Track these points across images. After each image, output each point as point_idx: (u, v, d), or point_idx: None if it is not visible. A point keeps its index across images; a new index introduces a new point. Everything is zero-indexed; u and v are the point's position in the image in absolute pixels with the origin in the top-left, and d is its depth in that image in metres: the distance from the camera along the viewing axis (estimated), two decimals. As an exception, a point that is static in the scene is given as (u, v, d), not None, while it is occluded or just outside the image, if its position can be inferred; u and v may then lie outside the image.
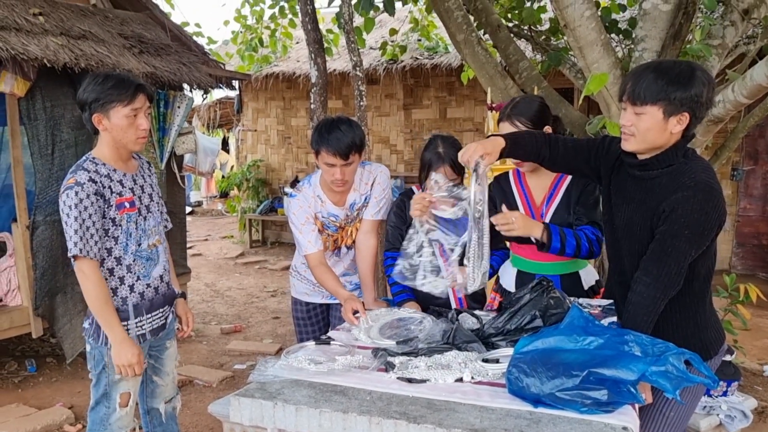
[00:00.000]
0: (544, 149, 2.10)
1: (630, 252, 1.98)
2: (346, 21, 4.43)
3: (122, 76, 2.28)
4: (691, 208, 1.78)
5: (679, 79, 1.76)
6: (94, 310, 2.23)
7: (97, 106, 2.20)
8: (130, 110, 2.22)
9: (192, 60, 4.90)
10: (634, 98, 1.80)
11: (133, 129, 2.25)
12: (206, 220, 12.82)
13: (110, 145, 2.29)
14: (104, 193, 2.23)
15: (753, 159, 7.22)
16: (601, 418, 1.53)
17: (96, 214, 2.20)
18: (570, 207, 2.40)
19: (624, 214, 1.98)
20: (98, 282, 2.21)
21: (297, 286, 2.93)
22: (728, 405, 2.90)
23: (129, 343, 2.25)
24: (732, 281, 3.67)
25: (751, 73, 3.09)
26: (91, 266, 2.20)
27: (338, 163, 2.48)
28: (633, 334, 1.75)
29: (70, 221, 2.17)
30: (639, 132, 1.83)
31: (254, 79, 9.05)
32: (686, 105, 1.77)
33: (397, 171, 8.74)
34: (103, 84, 2.21)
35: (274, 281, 7.47)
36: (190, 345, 5.08)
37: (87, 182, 2.19)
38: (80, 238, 2.16)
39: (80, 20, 4.31)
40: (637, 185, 1.94)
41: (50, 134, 3.96)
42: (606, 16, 4.42)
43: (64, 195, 2.19)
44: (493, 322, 2.04)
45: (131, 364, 2.25)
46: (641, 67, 1.87)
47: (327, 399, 1.66)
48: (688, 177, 1.82)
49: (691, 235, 1.80)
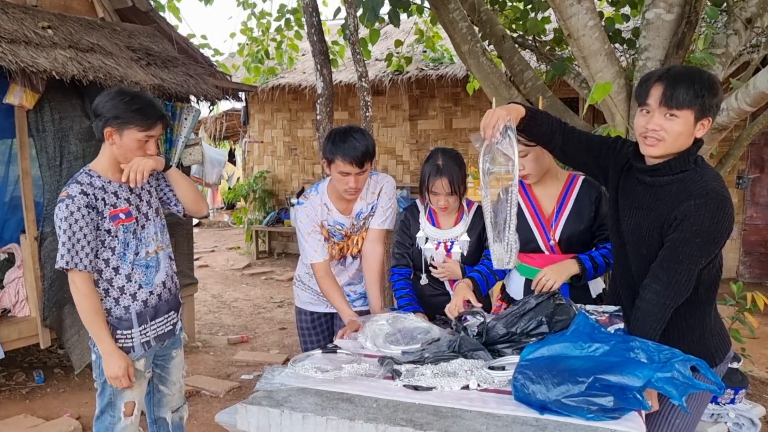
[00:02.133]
0: (557, 135, 2.10)
1: (637, 257, 1.98)
2: (352, 32, 4.46)
3: (149, 100, 2.30)
4: (703, 217, 1.78)
5: (710, 85, 1.79)
6: (85, 321, 2.26)
7: (114, 122, 2.22)
8: (145, 136, 2.25)
9: (199, 72, 4.94)
10: (671, 103, 1.78)
11: (140, 152, 2.28)
12: (213, 232, 12.86)
13: (110, 158, 2.31)
14: (97, 206, 2.24)
15: (759, 167, 7.20)
16: (607, 425, 1.53)
17: (87, 227, 2.22)
18: (581, 215, 2.40)
19: (631, 220, 1.98)
20: (88, 294, 2.23)
21: (301, 296, 2.94)
22: (736, 413, 2.89)
23: (117, 355, 2.27)
24: (739, 289, 3.66)
25: (754, 81, 3.09)
26: (81, 278, 2.22)
27: (353, 171, 2.50)
28: (639, 341, 1.75)
29: (60, 233, 2.20)
30: (669, 136, 1.81)
31: (260, 91, 9.10)
32: (711, 110, 1.81)
33: (403, 181, 8.76)
34: (128, 104, 2.22)
35: (281, 292, 7.48)
36: (197, 355, 5.09)
37: (78, 195, 2.20)
38: (67, 251, 2.18)
39: (88, 33, 4.37)
40: (646, 191, 1.93)
41: (58, 146, 4.00)
42: (609, 25, 4.44)
43: (56, 208, 2.21)
44: (498, 320, 2.05)
45: (118, 377, 2.27)
46: (667, 72, 1.83)
47: (334, 406, 1.67)
48: (699, 185, 1.82)
49: (702, 243, 1.80)
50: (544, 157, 2.41)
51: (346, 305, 2.58)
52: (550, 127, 2.10)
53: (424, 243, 2.61)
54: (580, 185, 2.44)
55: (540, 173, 2.43)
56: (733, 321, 3.68)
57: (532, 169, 2.41)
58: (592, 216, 2.41)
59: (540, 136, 2.12)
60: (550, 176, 2.47)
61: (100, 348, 2.27)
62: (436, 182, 2.48)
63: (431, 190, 2.51)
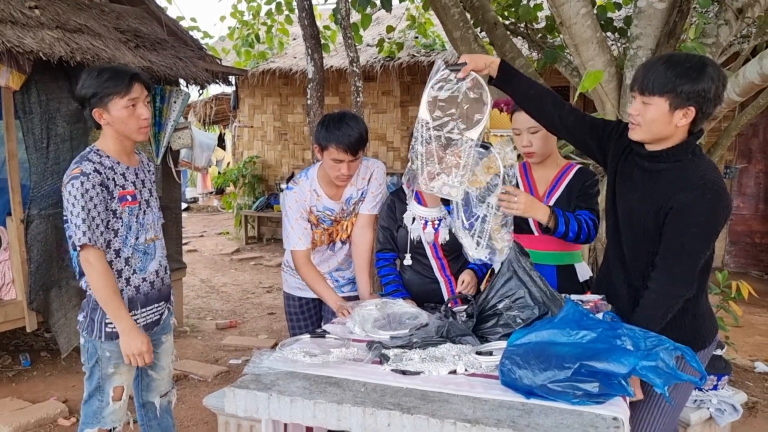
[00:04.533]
0: (549, 105, 2.12)
1: (631, 240, 2.02)
2: (343, 17, 4.43)
3: (117, 67, 2.27)
4: (702, 208, 1.82)
5: (689, 73, 1.77)
6: (101, 300, 2.23)
7: (96, 100, 2.20)
8: (128, 101, 2.22)
9: (188, 55, 4.89)
10: (642, 88, 1.82)
11: (134, 119, 2.25)
12: (202, 217, 12.81)
13: (114, 138, 2.29)
14: (108, 185, 2.23)
15: (746, 157, 7.26)
16: (592, 409, 1.55)
17: (101, 205, 2.20)
18: (571, 200, 2.43)
19: (627, 203, 2.01)
20: (105, 272, 2.21)
21: (289, 281, 2.94)
22: (718, 399, 2.92)
23: (137, 332, 2.26)
24: (724, 278, 3.69)
25: (743, 71, 3.11)
26: (97, 256, 2.19)
27: (347, 159, 2.49)
28: (626, 328, 1.77)
29: (76, 210, 2.16)
30: (645, 122, 1.85)
31: (251, 75, 9.04)
32: (693, 99, 1.78)
33: (393, 168, 8.74)
34: (98, 78, 2.20)
35: (270, 277, 7.47)
36: (186, 340, 5.08)
37: (92, 173, 2.19)
38: (88, 228, 2.15)
39: (76, 14, 4.30)
40: (643, 176, 1.96)
41: (45, 128, 3.95)
42: (601, 14, 4.44)
43: (69, 185, 2.18)
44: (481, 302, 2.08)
45: (141, 353, 2.25)
46: (654, 58, 1.90)
47: (321, 390, 1.68)
48: (698, 175, 1.84)
49: (703, 233, 1.84)
50: (551, 140, 2.46)
51: (331, 291, 2.59)
52: (538, 92, 2.13)
53: (411, 223, 2.59)
54: (575, 173, 2.48)
55: (544, 155, 2.48)
56: (718, 309, 3.72)
57: (539, 148, 2.45)
58: (576, 197, 2.44)
59: (529, 100, 2.15)
60: (551, 160, 2.52)
61: (119, 327, 2.24)
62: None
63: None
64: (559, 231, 2.24)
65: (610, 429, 1.46)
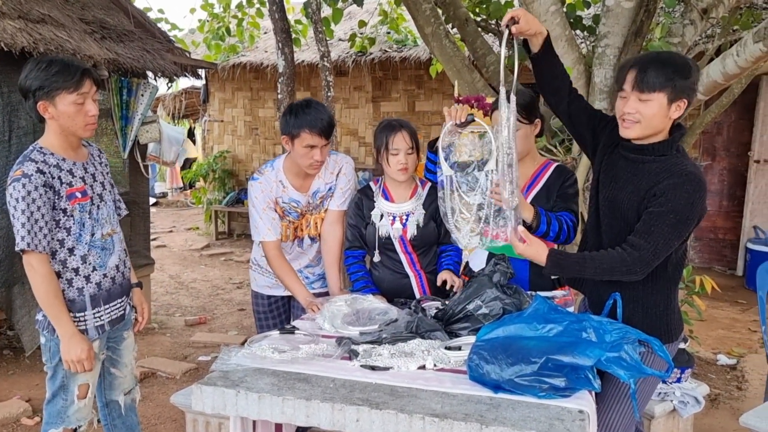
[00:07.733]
0: (565, 88, 2.21)
1: (611, 229, 2.07)
2: (314, 11, 4.41)
3: (66, 60, 2.19)
4: (679, 195, 1.88)
5: (682, 69, 1.89)
6: (43, 304, 2.18)
7: (41, 93, 2.12)
8: (77, 96, 2.15)
9: (156, 47, 4.81)
10: (642, 86, 1.90)
11: (82, 116, 2.18)
12: (171, 212, 12.62)
13: (58, 133, 2.21)
14: (53, 184, 2.16)
15: (710, 155, 7.42)
16: (558, 402, 1.57)
17: (45, 206, 2.13)
18: (549, 198, 2.45)
19: (609, 191, 2.07)
20: (47, 275, 2.16)
21: (258, 279, 2.91)
22: (682, 391, 2.99)
23: (78, 338, 2.21)
24: (689, 273, 3.77)
25: (707, 71, 3.18)
26: (39, 260, 2.14)
27: (320, 143, 2.49)
28: (593, 320, 1.80)
29: (17, 214, 2.10)
30: (645, 118, 1.92)
31: (221, 69, 8.92)
32: (685, 92, 1.91)
33: (365, 163, 8.73)
34: (46, 70, 2.12)
35: (240, 273, 7.41)
36: (154, 337, 5.01)
37: (35, 174, 2.11)
38: (27, 232, 2.09)
39: (39, 3, 4.19)
40: (627, 166, 2.03)
41: (7, 120, 3.85)
42: (571, 12, 4.48)
43: (10, 187, 2.11)
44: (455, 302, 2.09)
45: (80, 360, 2.20)
46: (641, 58, 1.98)
47: (290, 387, 1.67)
48: (680, 167, 1.93)
49: (675, 221, 1.89)
50: (531, 138, 2.48)
51: (301, 286, 2.58)
52: (562, 73, 2.21)
53: (379, 220, 2.60)
54: (553, 171, 2.50)
55: (523, 152, 2.48)
56: (682, 304, 3.80)
57: (520, 146, 2.45)
58: (556, 197, 2.46)
59: (553, 78, 2.21)
60: (530, 158, 2.53)
61: (60, 331, 2.19)
62: (396, 136, 2.47)
63: (391, 147, 2.48)
64: (541, 230, 2.27)
65: (576, 422, 1.48)
